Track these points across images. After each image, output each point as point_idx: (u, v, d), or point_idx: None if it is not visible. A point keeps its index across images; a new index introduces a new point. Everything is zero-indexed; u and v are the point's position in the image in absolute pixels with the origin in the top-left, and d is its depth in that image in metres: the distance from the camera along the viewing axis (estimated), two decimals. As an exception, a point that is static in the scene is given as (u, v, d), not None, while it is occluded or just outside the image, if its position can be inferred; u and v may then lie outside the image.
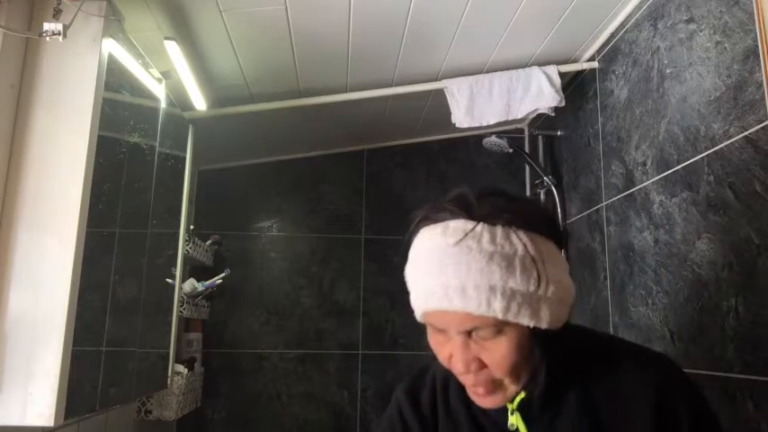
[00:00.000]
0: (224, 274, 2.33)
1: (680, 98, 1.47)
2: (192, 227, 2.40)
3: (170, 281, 1.80)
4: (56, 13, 1.18)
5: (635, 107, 1.70)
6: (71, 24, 1.10)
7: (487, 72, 2.01)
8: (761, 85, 1.18)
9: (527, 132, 2.67)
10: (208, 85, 1.89)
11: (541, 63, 2.00)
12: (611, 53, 1.88)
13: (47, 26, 1.07)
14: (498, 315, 0.66)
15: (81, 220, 1.13)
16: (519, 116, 1.98)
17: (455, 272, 0.66)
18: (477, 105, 1.97)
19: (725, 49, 1.30)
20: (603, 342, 0.83)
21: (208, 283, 2.24)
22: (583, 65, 2.03)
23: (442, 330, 0.72)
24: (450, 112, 1.99)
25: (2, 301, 1.09)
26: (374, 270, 2.65)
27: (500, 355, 0.69)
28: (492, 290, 0.65)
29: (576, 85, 2.13)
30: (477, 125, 1.97)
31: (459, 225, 0.69)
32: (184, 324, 2.37)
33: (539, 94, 1.96)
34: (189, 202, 2.03)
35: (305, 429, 2.50)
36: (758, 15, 1.19)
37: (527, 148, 2.61)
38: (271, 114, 2.11)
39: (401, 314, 2.59)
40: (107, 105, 1.23)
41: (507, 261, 0.66)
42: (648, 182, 1.61)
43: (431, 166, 2.75)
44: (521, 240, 0.67)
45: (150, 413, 1.97)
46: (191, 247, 2.10)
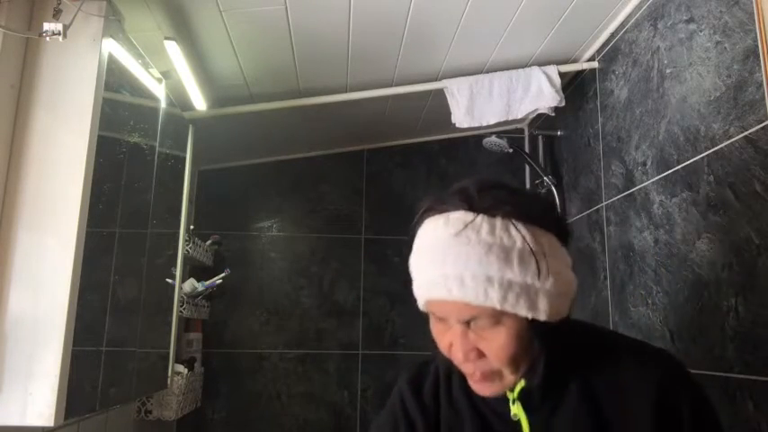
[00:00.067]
0: (224, 274, 2.33)
1: (680, 98, 1.47)
2: (192, 227, 2.40)
3: (170, 281, 1.80)
4: (56, 13, 1.18)
5: (635, 107, 1.70)
6: (71, 24, 1.10)
7: (487, 72, 2.01)
8: (761, 85, 1.18)
9: (527, 132, 2.67)
10: (208, 85, 1.89)
11: (541, 63, 2.00)
12: (611, 53, 1.88)
13: (47, 26, 1.07)
14: (495, 305, 0.67)
15: (81, 220, 1.13)
16: (519, 116, 1.98)
17: (454, 262, 0.68)
18: (477, 105, 1.97)
19: (725, 49, 1.30)
20: (605, 336, 0.84)
21: (208, 283, 2.24)
22: (583, 65, 2.03)
23: (442, 319, 0.73)
24: (451, 112, 1.99)
25: (2, 301, 1.09)
26: (374, 270, 2.65)
27: (498, 345, 0.70)
28: (489, 280, 0.67)
29: (576, 85, 2.13)
30: (477, 125, 1.97)
31: (460, 217, 0.70)
32: (184, 324, 2.37)
33: (539, 94, 1.96)
34: (189, 202, 2.03)
35: (305, 429, 2.50)
36: (758, 15, 1.19)
37: (527, 148, 2.61)
38: (271, 114, 2.11)
39: (401, 314, 2.59)
40: (107, 105, 1.23)
41: (505, 253, 0.67)
42: (648, 182, 1.61)
43: (431, 166, 2.75)
44: (519, 233, 0.68)
45: (150, 413, 1.97)
46: (191, 247, 2.10)
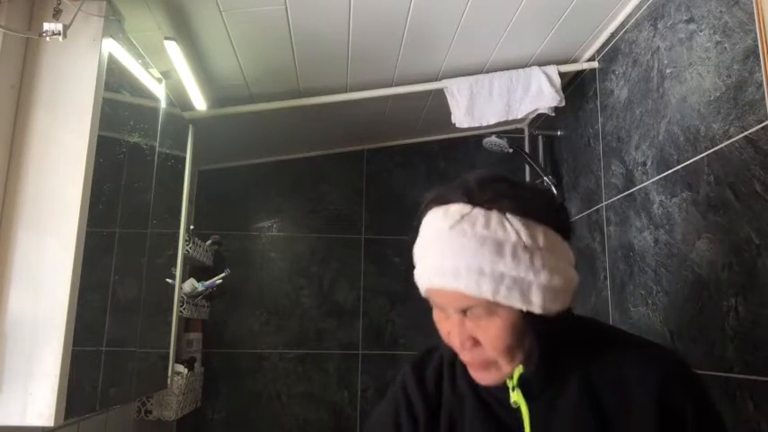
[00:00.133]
0: (224, 274, 2.33)
1: (680, 98, 1.47)
2: (192, 227, 2.40)
3: (170, 281, 1.80)
4: (56, 13, 1.18)
5: (635, 107, 1.70)
6: (71, 24, 1.10)
7: (487, 72, 2.01)
8: (761, 85, 1.18)
9: (527, 132, 2.67)
10: (208, 85, 1.89)
11: (541, 63, 2.00)
12: (611, 53, 1.88)
13: (47, 26, 1.07)
14: (488, 296, 0.69)
15: (81, 220, 1.13)
16: (519, 116, 1.98)
17: (450, 253, 0.70)
18: (477, 105, 1.97)
19: (725, 49, 1.30)
20: (609, 332, 0.85)
21: (208, 283, 2.24)
22: (583, 65, 2.03)
23: (441, 308, 0.76)
24: (451, 112, 1.99)
25: (2, 301, 1.09)
26: (374, 270, 2.65)
27: (493, 335, 0.72)
28: (482, 272, 0.69)
29: (576, 85, 2.13)
30: (477, 125, 1.97)
31: (459, 209, 0.72)
32: (184, 324, 2.37)
33: (539, 94, 1.96)
34: (189, 202, 2.03)
35: (305, 429, 2.50)
36: (758, 15, 1.19)
37: (527, 148, 2.61)
38: (271, 114, 2.11)
39: (401, 314, 2.59)
40: (107, 105, 1.23)
41: (498, 246, 0.69)
42: (648, 182, 1.61)
43: (431, 166, 2.75)
44: (514, 227, 0.70)
45: (150, 413, 1.97)
46: (191, 247, 2.10)
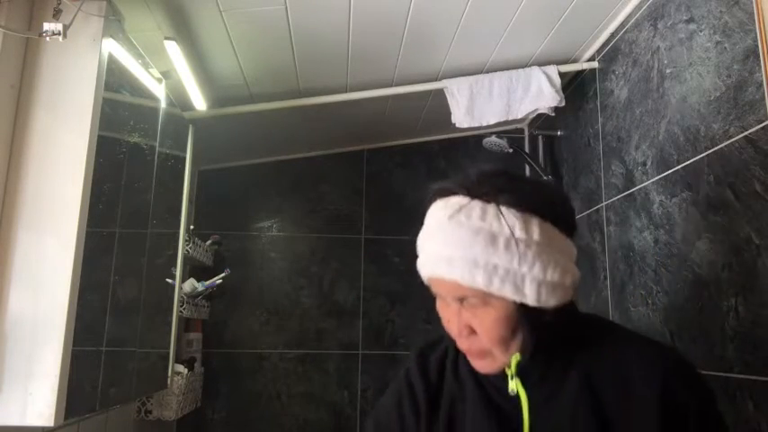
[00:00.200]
0: (224, 274, 2.33)
1: (680, 98, 1.47)
2: (192, 227, 2.40)
3: (170, 281, 1.80)
4: (56, 13, 1.18)
5: (635, 107, 1.70)
6: (71, 24, 1.10)
7: (487, 72, 2.01)
8: (761, 85, 1.18)
9: (527, 132, 2.67)
10: (208, 85, 1.89)
11: (541, 63, 2.00)
12: (611, 53, 1.88)
13: (47, 26, 1.07)
14: (481, 287, 0.71)
15: (81, 220, 1.13)
16: (519, 116, 1.98)
17: (446, 243, 0.73)
18: (477, 105, 1.97)
19: (725, 49, 1.30)
20: (614, 330, 0.85)
21: (208, 283, 2.24)
22: (583, 65, 2.03)
23: (441, 297, 0.79)
24: (451, 112, 1.99)
25: (2, 301, 1.09)
26: (374, 270, 2.64)
27: (488, 325, 0.75)
28: (475, 263, 0.70)
29: (576, 85, 2.13)
30: (477, 125, 1.97)
31: (457, 201, 0.74)
32: (184, 324, 2.37)
33: (539, 94, 1.96)
34: (189, 202, 2.03)
35: (305, 429, 2.50)
36: (758, 15, 1.19)
37: (527, 148, 2.61)
38: (271, 114, 2.10)
39: (401, 314, 2.59)
40: (107, 105, 1.23)
41: (492, 238, 0.70)
42: (648, 182, 1.61)
43: (431, 166, 2.75)
44: (509, 220, 0.71)
45: (150, 413, 1.97)
46: (191, 247, 2.10)
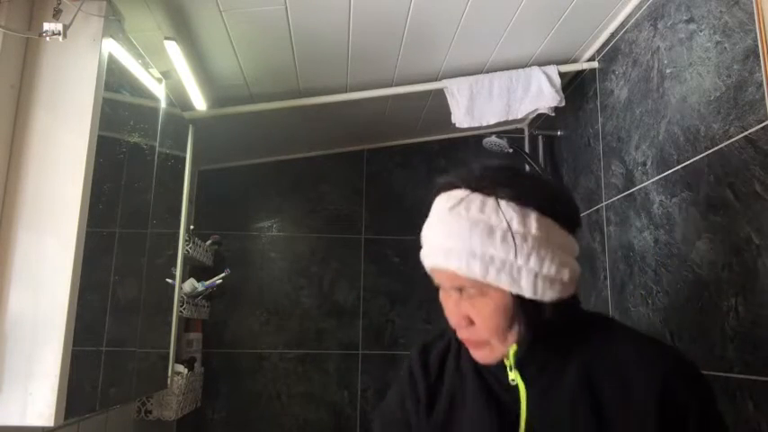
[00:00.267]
0: (224, 274, 2.33)
1: (680, 98, 1.47)
2: (192, 227, 2.40)
3: (170, 281, 1.80)
4: (56, 13, 1.18)
5: (635, 107, 1.70)
6: (71, 24, 1.10)
7: (487, 72, 2.01)
8: (761, 85, 1.18)
9: (527, 132, 2.66)
10: (208, 85, 1.89)
11: (541, 63, 2.00)
12: (611, 53, 1.88)
13: (47, 26, 1.07)
14: (478, 277, 0.73)
15: (81, 220, 1.13)
16: (519, 116, 1.98)
17: (445, 234, 0.75)
18: (477, 105, 1.97)
19: (725, 49, 1.30)
20: (618, 329, 0.85)
21: (208, 283, 2.24)
22: (583, 65, 2.03)
23: (442, 287, 0.81)
24: (451, 112, 1.99)
25: (2, 301, 1.09)
26: (374, 270, 2.65)
27: (485, 315, 0.76)
28: (472, 254, 0.73)
29: (576, 85, 2.13)
30: (477, 125, 1.97)
31: (459, 194, 0.76)
32: (184, 324, 2.37)
33: (539, 94, 1.96)
34: (189, 202, 2.03)
35: (305, 429, 2.50)
36: (758, 15, 1.19)
37: (527, 148, 2.61)
38: (271, 114, 2.10)
39: (401, 314, 2.59)
40: (107, 105, 1.23)
41: (489, 230, 0.73)
42: (648, 182, 1.61)
43: (431, 166, 2.75)
44: (507, 213, 0.73)
45: (150, 413, 1.97)
46: (191, 247, 2.10)
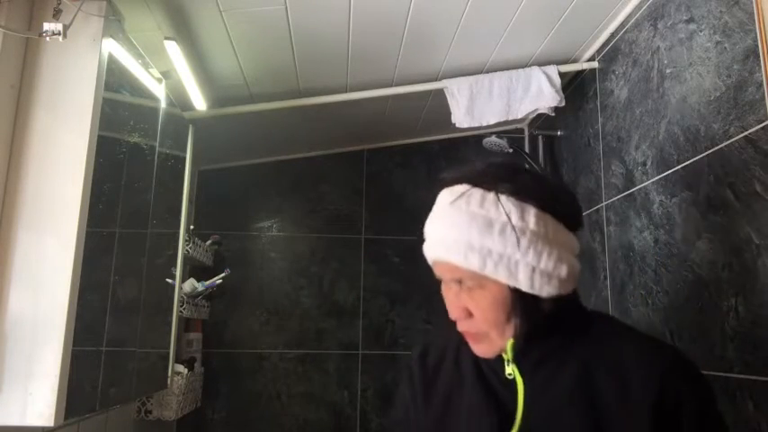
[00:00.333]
0: (224, 274, 2.33)
1: (680, 98, 1.47)
2: (192, 227, 2.40)
3: (170, 281, 1.80)
4: (56, 13, 1.18)
5: (635, 107, 1.70)
6: (71, 24, 1.10)
7: (487, 72, 2.01)
8: (761, 85, 1.18)
9: (527, 132, 2.66)
10: (208, 85, 1.89)
11: (541, 63, 2.00)
12: (611, 53, 1.88)
13: (47, 26, 1.07)
14: (476, 269, 0.75)
15: (81, 220, 1.13)
16: (519, 116, 1.98)
17: (446, 227, 0.77)
18: (477, 105, 1.97)
19: (725, 49, 1.30)
20: (619, 328, 0.86)
21: (208, 283, 2.24)
22: (583, 65, 2.03)
23: (443, 279, 0.82)
24: (451, 112, 1.99)
25: (2, 301, 1.09)
26: (374, 270, 2.65)
27: (483, 307, 0.78)
28: (470, 246, 0.74)
29: (576, 85, 2.13)
30: (477, 125, 1.97)
31: (460, 188, 0.79)
32: (184, 324, 2.37)
33: (539, 94, 1.96)
34: (189, 202, 2.03)
35: (305, 429, 2.50)
36: (758, 15, 1.19)
37: (527, 148, 2.61)
38: (271, 114, 2.10)
39: (401, 314, 2.59)
40: (107, 105, 1.23)
41: (488, 223, 0.74)
42: (648, 182, 1.61)
43: (431, 166, 2.75)
44: (506, 208, 0.75)
45: (150, 413, 1.97)
46: (191, 247, 2.10)
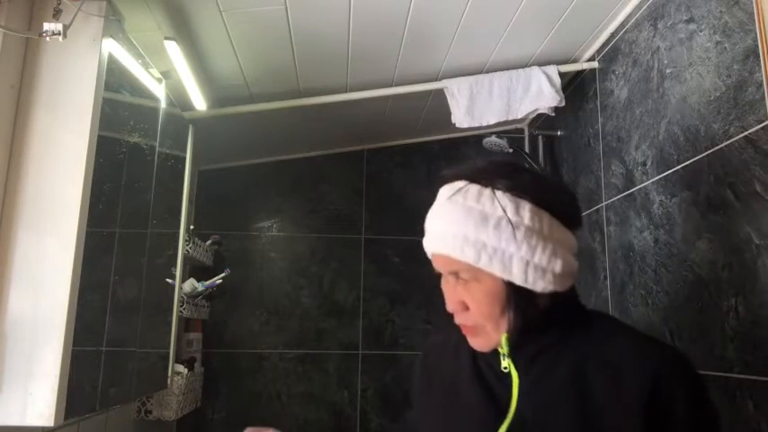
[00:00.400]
0: (224, 274, 2.33)
1: (680, 98, 1.47)
2: (192, 227, 2.40)
3: (170, 281, 1.80)
4: (56, 13, 1.18)
5: (635, 107, 1.70)
6: (71, 24, 1.10)
7: (487, 72, 2.01)
8: (761, 85, 1.18)
9: (527, 132, 2.66)
10: (208, 85, 1.89)
11: (541, 63, 2.00)
12: (611, 53, 1.88)
13: (47, 26, 1.07)
14: (471, 261, 0.76)
15: (81, 220, 1.13)
16: (519, 116, 1.98)
17: (443, 221, 0.79)
18: (478, 105, 1.97)
19: (725, 49, 1.30)
20: (614, 324, 0.86)
21: (208, 283, 2.24)
22: (583, 65, 2.03)
23: (441, 273, 0.84)
24: (451, 112, 1.99)
25: (2, 301, 1.09)
26: (374, 270, 2.65)
27: (478, 300, 0.79)
28: (465, 239, 0.76)
29: (576, 85, 2.13)
30: (477, 125, 1.97)
31: (459, 185, 0.80)
32: (184, 324, 2.37)
33: (539, 94, 1.96)
34: (189, 202, 2.03)
35: (305, 429, 2.50)
36: (758, 15, 1.19)
37: (527, 148, 2.61)
38: (271, 114, 2.10)
39: (401, 314, 2.59)
40: (107, 105, 1.23)
41: (483, 217, 0.76)
42: (648, 182, 1.61)
43: (431, 166, 2.75)
44: (501, 202, 0.76)
45: (150, 413, 1.97)
46: (191, 247, 2.10)
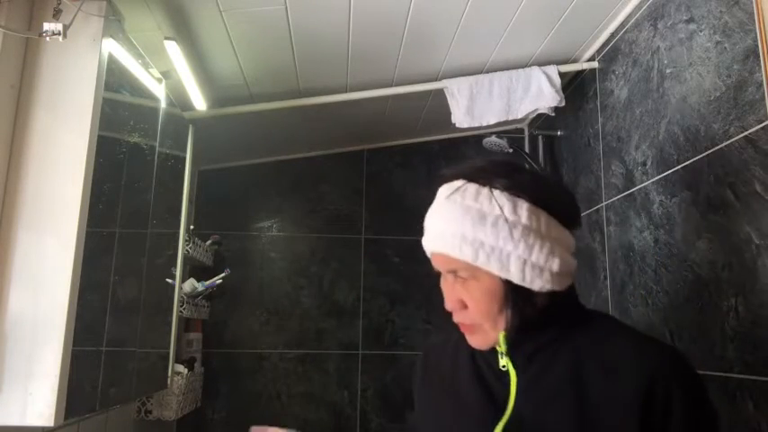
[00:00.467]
0: (224, 274, 2.33)
1: (680, 98, 1.47)
2: (192, 227, 2.40)
3: (170, 281, 1.80)
4: (56, 13, 1.18)
5: (635, 107, 1.70)
6: (71, 24, 1.10)
7: (487, 72, 2.01)
8: (761, 85, 1.18)
9: (527, 132, 2.66)
10: (208, 85, 1.89)
11: (541, 63, 2.00)
12: (611, 53, 1.88)
13: (47, 26, 1.07)
14: (468, 260, 0.77)
15: (81, 220, 1.13)
16: (519, 116, 1.98)
17: (441, 220, 0.80)
18: (478, 105, 1.97)
19: (725, 49, 1.30)
20: (613, 324, 0.86)
21: (208, 283, 2.24)
22: (583, 65, 2.03)
23: (440, 272, 0.84)
24: (451, 112, 1.99)
25: (2, 301, 1.09)
26: (374, 270, 2.65)
27: (476, 298, 0.80)
28: (464, 238, 0.77)
29: (576, 85, 2.13)
30: (477, 125, 1.97)
31: (457, 184, 0.81)
32: (184, 324, 2.37)
33: (539, 94, 1.96)
34: (189, 202, 2.03)
35: (305, 429, 2.49)
36: (758, 15, 1.19)
37: (527, 148, 2.61)
38: (271, 114, 2.11)
39: (401, 314, 2.59)
40: (107, 105, 1.23)
41: (481, 216, 0.77)
42: (648, 182, 1.61)
43: (431, 166, 2.75)
44: (499, 201, 0.77)
45: (150, 413, 1.97)
46: (191, 247, 2.10)
